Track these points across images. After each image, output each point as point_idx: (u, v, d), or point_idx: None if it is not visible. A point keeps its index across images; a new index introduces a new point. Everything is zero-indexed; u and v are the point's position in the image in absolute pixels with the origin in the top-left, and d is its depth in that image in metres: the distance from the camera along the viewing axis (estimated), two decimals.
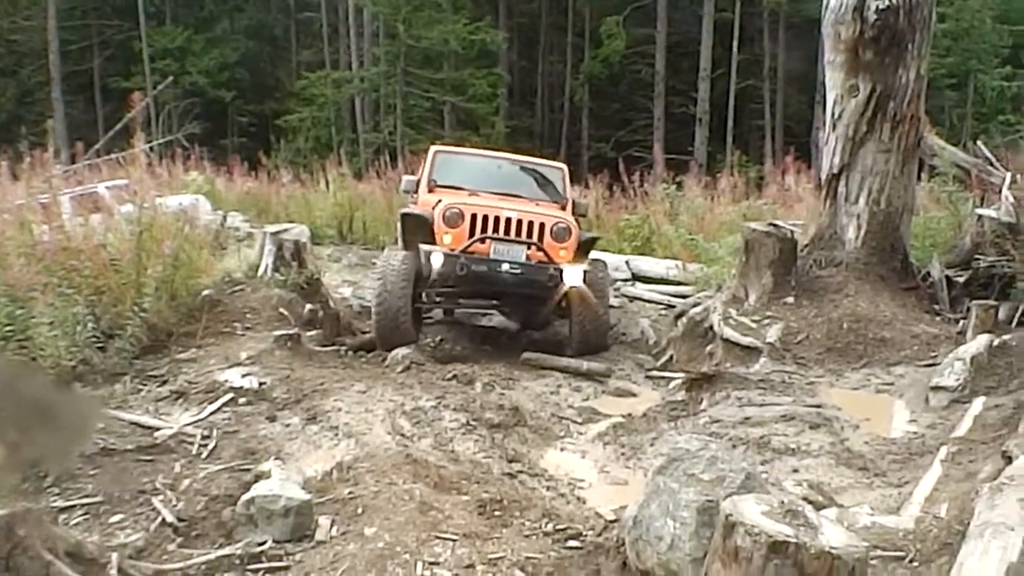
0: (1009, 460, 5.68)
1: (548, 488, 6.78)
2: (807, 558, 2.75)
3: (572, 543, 5.17)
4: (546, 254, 9.90)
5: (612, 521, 5.44)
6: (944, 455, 6.61)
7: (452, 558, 4.78)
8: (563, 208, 11.02)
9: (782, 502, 3.02)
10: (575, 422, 8.38)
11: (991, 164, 12.02)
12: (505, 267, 9.78)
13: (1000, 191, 11.00)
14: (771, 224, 10.42)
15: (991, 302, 9.39)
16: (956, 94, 33.10)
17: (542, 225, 10.01)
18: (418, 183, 11.26)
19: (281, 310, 9.61)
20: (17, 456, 4.56)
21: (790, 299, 9.92)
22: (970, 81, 33.52)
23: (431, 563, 4.71)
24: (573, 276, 9.83)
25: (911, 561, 4.68)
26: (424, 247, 9.82)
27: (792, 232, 10.35)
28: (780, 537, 2.76)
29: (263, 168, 23.56)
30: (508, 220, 9.93)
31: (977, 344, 8.34)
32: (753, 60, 35.62)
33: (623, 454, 7.61)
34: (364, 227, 18.43)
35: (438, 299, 10.54)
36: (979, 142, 12.85)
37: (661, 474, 4.44)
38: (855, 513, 5.34)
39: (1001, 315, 9.41)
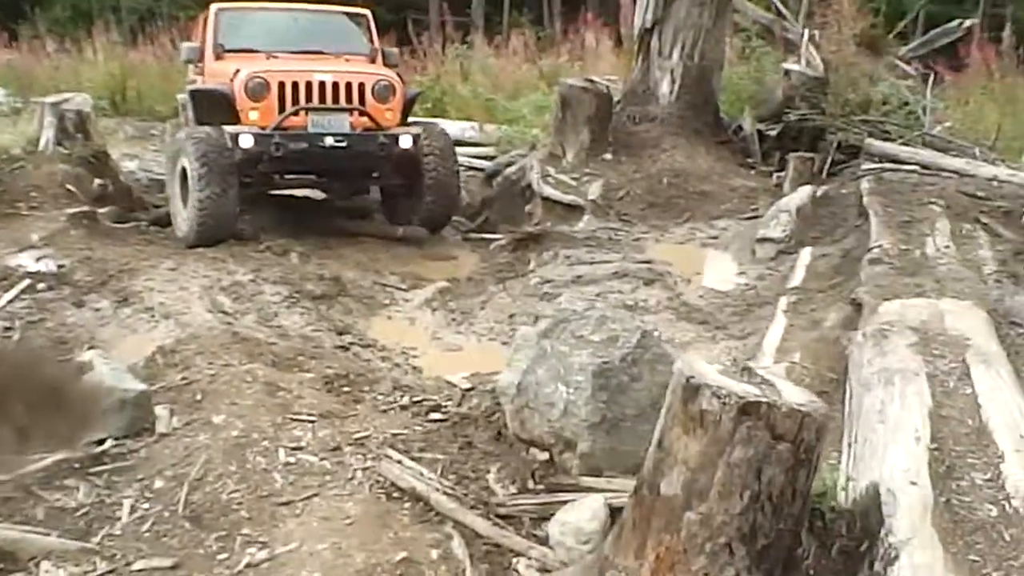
0: (859, 306, 5.69)
1: (383, 359, 6.48)
2: (779, 417, 2.51)
3: (434, 416, 4.84)
4: (372, 119, 8.73)
5: (468, 390, 5.14)
6: (784, 305, 6.61)
7: (315, 441, 4.38)
8: (372, 61, 9.68)
9: (734, 360, 2.76)
10: (399, 289, 8.00)
11: (787, 20, 12.16)
12: (328, 141, 8.55)
13: (799, 47, 11.14)
14: (587, 79, 10.15)
15: (807, 154, 9.50)
16: None
17: (362, 85, 8.77)
18: (201, 50, 9.48)
19: (68, 186, 8.69)
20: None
21: (608, 155, 9.75)
22: None
23: (293, 448, 4.29)
24: (407, 141, 8.82)
25: None
26: (229, 128, 8.42)
27: (608, 87, 10.12)
28: (751, 397, 2.51)
29: (22, 39, 21.34)
30: (322, 84, 8.62)
31: (800, 195, 8.42)
32: None
33: (454, 319, 7.36)
34: (139, 97, 17.05)
35: (249, 182, 8.80)
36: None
37: (547, 337, 4.15)
38: None
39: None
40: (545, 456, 4.16)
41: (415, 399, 5.09)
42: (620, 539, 2.86)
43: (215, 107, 8.77)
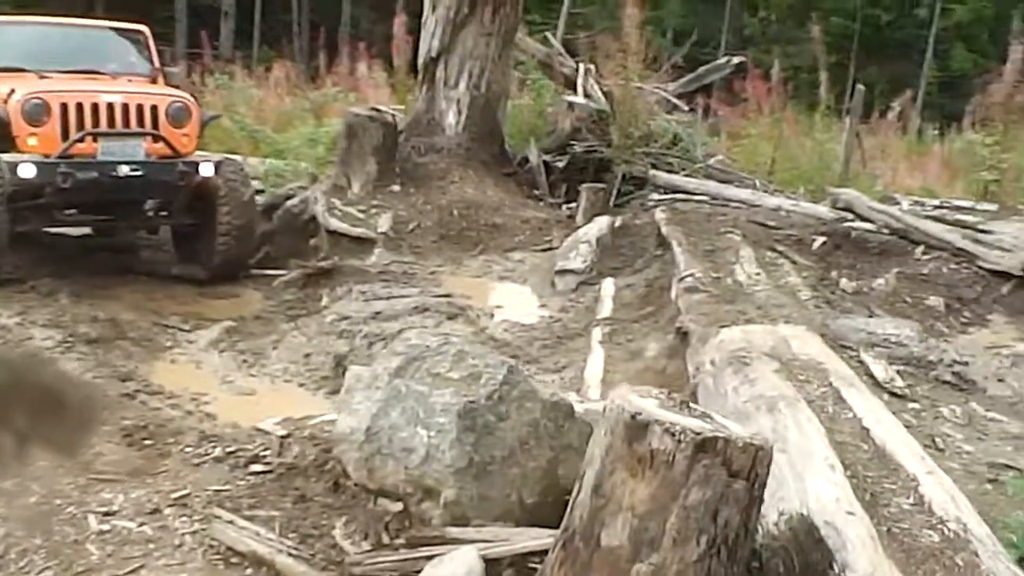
0: (685, 334, 5.61)
1: (173, 407, 5.92)
2: (735, 452, 2.26)
3: (255, 468, 4.35)
4: (168, 144, 7.92)
5: (285, 437, 4.67)
6: (600, 336, 6.49)
7: (129, 504, 3.83)
8: (154, 81, 8.79)
9: (669, 394, 2.49)
10: (182, 329, 7.39)
11: (562, 55, 12.25)
12: (123, 170, 7.65)
13: (576, 81, 11.25)
14: (373, 108, 9.80)
15: (600, 185, 9.51)
16: None
17: (155, 107, 7.89)
18: None
19: None
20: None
21: (396, 187, 9.42)
22: None
23: (105, 513, 3.74)
24: (208, 169, 8.06)
25: None
26: (4, 157, 7.43)
27: (394, 116, 9.80)
28: (707, 433, 2.24)
29: None
30: (111, 107, 7.68)
31: (599, 226, 8.37)
32: None
33: (244, 361, 6.86)
34: None
35: (26, 216, 7.84)
36: (548, 34, 13.06)
37: (400, 377, 3.77)
38: None
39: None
40: (398, 507, 3.75)
41: (228, 450, 4.59)
42: None
43: None
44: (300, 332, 7.30)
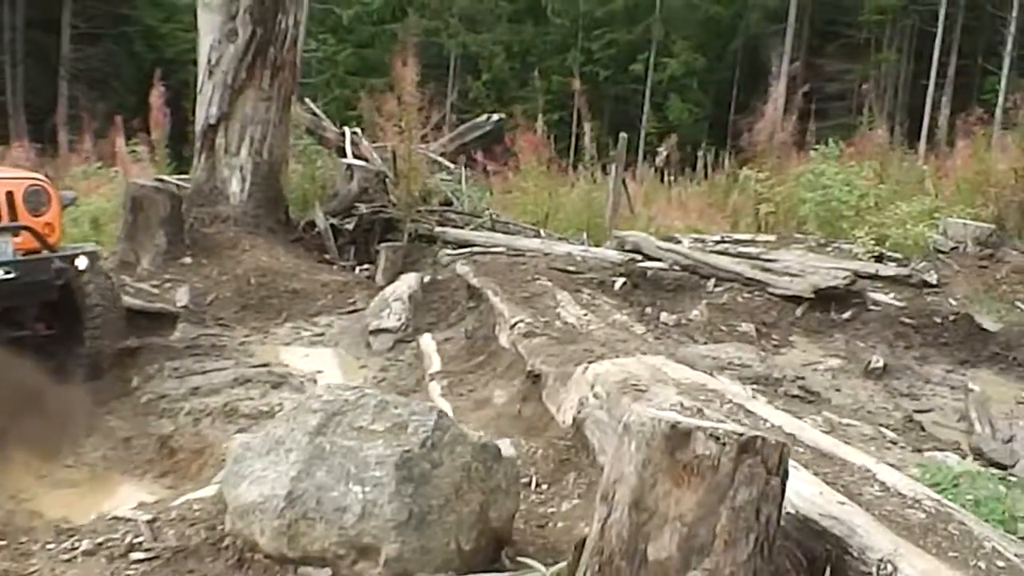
0: (537, 377, 5.69)
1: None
2: (769, 451, 2.37)
3: (136, 556, 4.09)
4: (38, 237, 6.51)
5: (151, 521, 4.43)
6: (439, 390, 6.50)
7: None
8: None
9: (681, 404, 2.57)
10: None
11: (324, 121, 12.29)
12: None
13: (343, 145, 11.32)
14: (157, 179, 9.45)
15: (399, 244, 9.53)
16: None
17: (10, 194, 6.43)
18: None
19: None
20: None
21: (187, 259, 9.11)
22: None
23: None
24: (83, 262, 6.72)
25: (539, 485, 4.49)
26: None
27: (179, 187, 9.49)
28: (749, 433, 2.34)
29: None
30: None
31: (408, 283, 8.39)
32: None
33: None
34: None
35: None
36: (307, 100, 13.01)
37: (322, 435, 3.67)
38: None
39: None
40: (326, 573, 3.63)
41: (96, 542, 4.28)
42: None
43: None
44: (114, 416, 6.93)
